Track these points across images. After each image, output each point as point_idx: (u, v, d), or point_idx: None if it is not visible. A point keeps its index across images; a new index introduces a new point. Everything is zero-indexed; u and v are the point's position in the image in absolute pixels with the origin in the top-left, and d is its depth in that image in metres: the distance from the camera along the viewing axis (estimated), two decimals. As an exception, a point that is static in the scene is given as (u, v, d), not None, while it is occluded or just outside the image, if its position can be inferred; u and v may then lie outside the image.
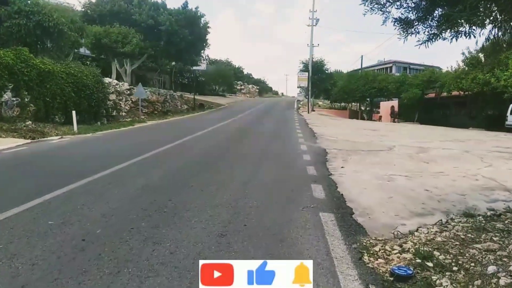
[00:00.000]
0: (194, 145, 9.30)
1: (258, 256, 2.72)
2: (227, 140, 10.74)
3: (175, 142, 9.33)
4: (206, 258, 2.67)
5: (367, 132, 15.55)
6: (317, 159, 7.47)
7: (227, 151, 8.47)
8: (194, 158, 7.55)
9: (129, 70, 25.63)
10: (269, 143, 10.08)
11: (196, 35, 25.28)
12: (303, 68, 30.44)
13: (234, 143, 9.94)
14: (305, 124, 17.94)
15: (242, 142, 10.03)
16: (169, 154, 7.78)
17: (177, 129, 14.04)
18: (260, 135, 12.16)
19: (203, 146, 9.20)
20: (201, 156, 7.72)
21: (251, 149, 8.70)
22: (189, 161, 7.15)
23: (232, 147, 9.06)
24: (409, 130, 17.76)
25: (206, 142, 10.21)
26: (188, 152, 8.30)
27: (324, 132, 14.05)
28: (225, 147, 9.24)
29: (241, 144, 9.69)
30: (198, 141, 10.17)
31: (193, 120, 19.81)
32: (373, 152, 8.77)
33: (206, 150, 8.68)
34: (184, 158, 7.52)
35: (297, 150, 8.80)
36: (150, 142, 9.70)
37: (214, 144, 9.82)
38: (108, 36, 21.72)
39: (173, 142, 9.38)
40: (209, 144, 9.71)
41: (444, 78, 25.84)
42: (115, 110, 20.14)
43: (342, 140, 11.44)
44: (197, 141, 10.27)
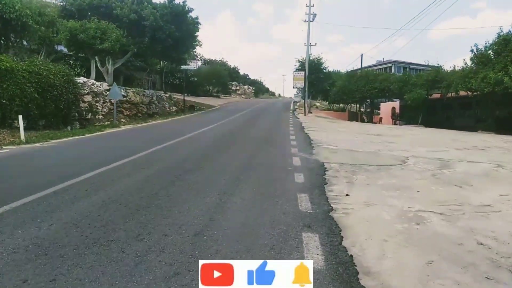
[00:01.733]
0: (157, 159, 7.36)
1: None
2: (204, 150, 8.80)
3: (135, 155, 7.43)
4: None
5: (371, 137, 13.72)
6: (313, 180, 5.61)
7: (198, 167, 6.49)
8: (137, 184, 5.15)
9: (111, 69, 23.70)
10: (254, 155, 8.19)
11: (184, 31, 23.33)
12: (299, 67, 28.51)
13: (210, 155, 7.98)
14: (300, 128, 16.08)
15: (221, 154, 8.10)
16: (110, 177, 5.83)
17: (151, 136, 12.14)
18: (246, 144, 10.28)
19: (169, 160, 7.25)
20: (157, 176, 5.78)
21: (228, 166, 6.79)
22: (125, 190, 4.82)
23: (207, 162, 7.14)
24: (417, 135, 15.95)
25: (178, 153, 8.30)
26: (135, 175, 6.12)
27: (321, 138, 12.21)
28: (197, 161, 7.26)
29: (219, 157, 7.77)
30: (167, 152, 8.26)
31: (177, 124, 17.93)
32: (384, 168, 6.92)
33: (170, 166, 6.66)
34: (124, 183, 5.57)
35: (288, 165, 6.93)
36: (104, 155, 7.83)
37: (186, 156, 7.89)
38: (85, 31, 19.76)
39: (134, 154, 7.48)
40: (179, 157, 7.76)
41: (450, 77, 24.06)
42: (91, 113, 18.24)
43: (344, 150, 9.59)
44: (167, 151, 8.37)
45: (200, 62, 64.47)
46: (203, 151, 8.18)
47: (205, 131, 13.51)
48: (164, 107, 28.46)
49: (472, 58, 22.41)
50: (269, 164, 6.92)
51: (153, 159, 7.13)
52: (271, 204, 4.32)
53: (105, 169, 6.06)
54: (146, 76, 38.76)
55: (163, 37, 22.43)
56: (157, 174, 5.79)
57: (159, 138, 10.91)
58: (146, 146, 8.58)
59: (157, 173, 5.94)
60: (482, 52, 21.71)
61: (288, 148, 9.43)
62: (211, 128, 14.59)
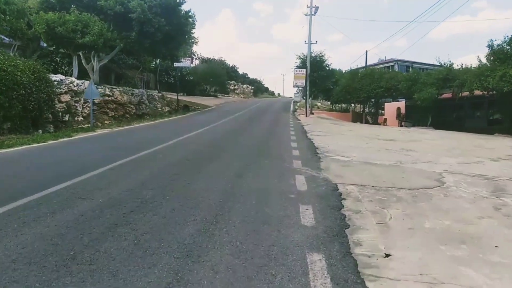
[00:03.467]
0: (104, 185, 5.28)
1: None
2: (176, 168, 6.54)
3: (74, 179, 5.53)
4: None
5: (383, 143, 11.88)
6: (328, 221, 3.77)
7: (157, 201, 4.32)
8: (44, 239, 3.32)
9: (96, 66, 21.81)
10: (242, 174, 6.29)
11: (175, 25, 21.42)
12: (300, 64, 26.53)
13: (182, 177, 5.68)
14: (302, 132, 14.22)
15: (198, 174, 5.94)
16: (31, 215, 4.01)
17: (120, 144, 10.18)
18: (237, 155, 8.39)
19: (120, 188, 5.01)
20: (87, 221, 3.85)
21: (204, 195, 4.85)
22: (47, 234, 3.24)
23: (174, 188, 5.08)
24: (434, 140, 14.10)
25: (138, 174, 5.99)
26: (46, 221, 4.41)
27: (328, 145, 10.37)
28: (161, 188, 4.92)
29: (194, 180, 5.55)
30: (123, 173, 6.15)
31: (163, 127, 16.05)
32: (421, 195, 5.07)
33: (117, 198, 4.48)
34: (53, 221, 3.75)
35: (288, 190, 5.08)
36: (32, 177, 5.94)
37: (147, 179, 5.62)
38: (64, 24, 17.89)
39: (73, 177, 5.60)
40: (136, 181, 5.32)
41: (463, 76, 22.21)
42: (69, 115, 16.38)
43: (358, 162, 7.75)
44: (127, 170, 6.37)
45: (198, 60, 62.73)
46: (175, 170, 6.17)
47: (191, 136, 11.63)
48: (155, 108, 26.67)
49: (489, 54, 20.55)
50: (263, 190, 5.03)
51: (95, 187, 4.98)
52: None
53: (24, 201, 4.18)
54: (139, 74, 36.89)
55: (151, 31, 20.55)
56: (90, 217, 3.84)
57: (129, 147, 9.05)
58: (102, 161, 6.67)
59: (89, 213, 4.01)
60: (501, 47, 19.85)
61: (288, 160, 7.56)
62: (199, 134, 12.71)
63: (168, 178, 5.50)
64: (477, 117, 27.61)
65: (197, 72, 48.13)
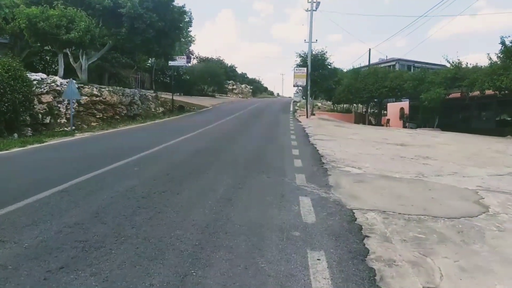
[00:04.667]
0: (55, 211, 3.95)
1: None
2: (150, 188, 5.00)
3: (27, 199, 4.27)
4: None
5: (395, 149, 10.62)
6: (351, 285, 2.50)
7: (107, 245, 3.10)
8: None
9: (84, 65, 20.55)
10: (233, 195, 5.01)
11: (168, 21, 20.15)
12: (300, 62, 25.18)
13: (153, 203, 4.32)
14: (304, 136, 12.96)
15: (175, 198, 4.46)
16: None
17: (102, 151, 8.88)
18: (228, 166, 7.11)
19: (77, 213, 3.87)
20: (23, 261, 2.62)
21: (174, 234, 3.61)
22: None
23: (144, 215, 3.94)
24: (448, 144, 12.85)
25: (97, 198, 4.85)
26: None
27: (334, 152, 9.11)
28: (131, 211, 3.89)
29: (168, 207, 4.33)
30: (96, 188, 5.03)
31: (152, 130, 14.79)
32: (466, 228, 3.81)
33: (59, 237, 3.34)
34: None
35: (291, 223, 3.81)
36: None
37: (105, 206, 4.30)
38: (48, 19, 16.61)
39: (27, 197, 4.34)
40: (90, 209, 4.07)
41: (473, 75, 20.96)
42: (51, 116, 15.09)
43: (373, 175, 6.49)
44: (99, 184, 5.20)
45: (196, 60, 61.40)
46: (147, 190, 4.73)
47: (179, 142, 10.34)
48: (149, 108, 25.39)
49: (502, 52, 19.30)
50: (257, 225, 3.72)
51: (25, 222, 3.70)
52: None
53: None
54: (133, 74, 35.62)
55: (143, 27, 19.28)
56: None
57: (102, 156, 7.80)
58: (55, 179, 5.34)
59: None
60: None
61: (290, 174, 6.29)
62: (189, 139, 11.44)
63: (133, 205, 4.20)
64: (484, 118, 26.43)
65: (194, 72, 46.86)
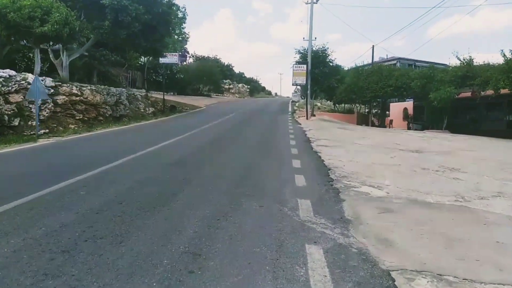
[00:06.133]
0: None
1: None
2: (100, 219, 3.59)
3: None
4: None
5: (412, 158, 9.01)
6: None
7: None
8: None
9: (65, 62, 18.84)
10: (204, 249, 3.41)
11: (155, 14, 18.50)
12: (300, 59, 23.48)
13: (88, 249, 3.05)
14: (305, 141, 11.34)
15: (123, 240, 3.06)
16: None
17: (53, 164, 7.17)
18: (206, 189, 5.41)
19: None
20: None
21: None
22: None
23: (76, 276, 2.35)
24: (470, 150, 11.27)
25: (20, 236, 3.45)
26: None
27: (343, 163, 7.50)
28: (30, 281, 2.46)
29: (109, 258, 2.94)
30: (10, 228, 3.45)
31: (131, 134, 13.15)
32: None
33: None
34: None
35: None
36: None
37: (30, 248, 3.02)
38: (20, 10, 14.92)
39: None
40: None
41: (486, 73, 19.44)
42: (20, 118, 13.42)
43: (401, 201, 4.88)
44: (16, 220, 3.58)
45: (192, 58, 59.62)
46: (73, 238, 3.16)
47: (153, 151, 8.64)
48: (137, 109, 23.73)
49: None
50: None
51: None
52: None
53: None
54: (124, 72, 33.94)
55: (128, 21, 17.59)
56: None
57: (47, 173, 6.16)
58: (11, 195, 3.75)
59: None
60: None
61: (291, 200, 4.67)
62: (168, 145, 9.80)
63: (33, 270, 2.57)
64: (493, 119, 24.96)
65: (189, 71, 45.19)
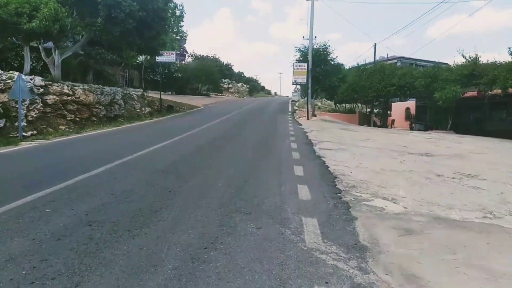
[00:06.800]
0: None
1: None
2: (44, 261, 3.19)
3: None
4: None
5: (423, 163, 8.32)
6: None
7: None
8: None
9: (57, 60, 18.12)
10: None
11: (150, 10, 17.78)
12: (300, 57, 22.74)
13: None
14: (307, 144, 10.64)
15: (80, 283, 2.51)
16: None
17: (22, 175, 6.42)
18: (192, 204, 4.66)
19: None
20: None
21: None
22: None
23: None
24: (482, 153, 10.58)
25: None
26: None
27: (350, 169, 6.82)
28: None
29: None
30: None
31: (119, 136, 12.42)
32: None
33: None
34: None
35: None
36: None
37: None
38: (6, 5, 14.23)
39: None
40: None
41: (493, 71, 18.76)
42: (6, 119, 12.73)
43: (422, 218, 4.19)
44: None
45: (191, 58, 58.89)
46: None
47: (136, 159, 7.97)
48: (133, 108, 23.01)
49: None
50: None
51: None
52: None
53: None
54: (121, 71, 33.19)
55: (121, 17, 16.85)
56: None
57: (16, 185, 5.45)
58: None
59: None
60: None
61: (294, 219, 3.97)
62: (158, 150, 9.09)
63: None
64: (498, 119, 24.30)
65: (188, 70, 44.46)
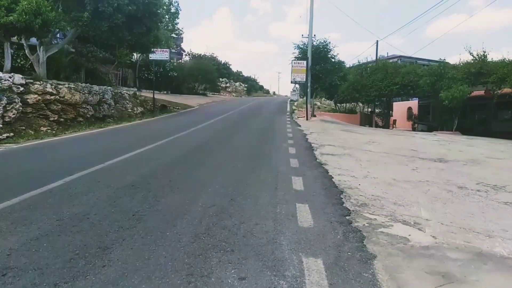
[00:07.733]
0: None
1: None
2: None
3: None
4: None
5: (440, 170, 7.33)
6: None
7: None
8: None
9: (42, 57, 17.10)
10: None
11: (140, 5, 16.77)
12: (299, 55, 21.71)
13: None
14: (307, 149, 9.64)
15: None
16: None
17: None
18: (160, 235, 3.74)
19: None
20: None
21: None
22: None
23: None
24: (496, 157, 9.61)
25: None
26: None
27: (357, 180, 5.83)
28: None
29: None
30: None
31: (99, 140, 11.42)
32: None
33: None
34: None
35: None
36: None
37: None
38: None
39: None
40: None
41: (503, 69, 17.84)
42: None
43: (460, 256, 3.19)
44: None
45: (188, 56, 57.85)
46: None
47: (111, 166, 6.98)
48: (124, 108, 21.99)
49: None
50: None
51: None
52: None
53: None
54: (114, 70, 32.14)
55: (109, 11, 15.86)
56: None
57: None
58: None
59: None
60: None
61: (291, 263, 2.98)
62: (138, 156, 8.11)
63: None
64: (503, 119, 23.43)
65: (184, 68, 43.41)
